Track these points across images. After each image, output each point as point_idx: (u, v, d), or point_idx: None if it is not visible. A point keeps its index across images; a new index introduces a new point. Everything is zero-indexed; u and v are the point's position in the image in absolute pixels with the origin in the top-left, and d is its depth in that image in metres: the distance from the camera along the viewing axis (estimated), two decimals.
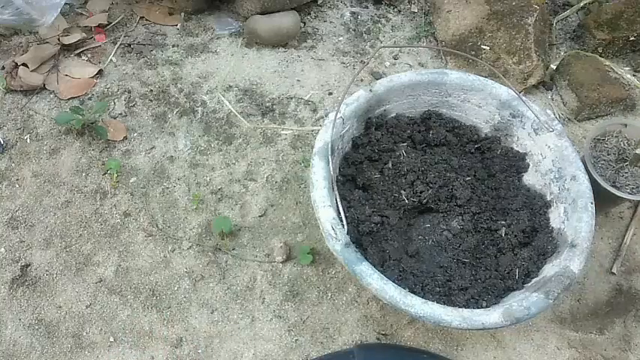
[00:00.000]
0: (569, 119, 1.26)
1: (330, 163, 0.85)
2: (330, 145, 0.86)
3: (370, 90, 0.96)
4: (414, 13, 1.44)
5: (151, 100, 1.22)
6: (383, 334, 0.97)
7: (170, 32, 1.35)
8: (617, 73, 1.30)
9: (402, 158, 0.97)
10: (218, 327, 0.96)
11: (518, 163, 1.00)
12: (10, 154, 1.13)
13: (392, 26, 1.40)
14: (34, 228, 1.04)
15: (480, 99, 1.01)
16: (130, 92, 1.23)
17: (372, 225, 0.92)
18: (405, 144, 1.00)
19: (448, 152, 1.01)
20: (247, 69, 1.29)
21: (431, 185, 0.96)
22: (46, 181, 1.10)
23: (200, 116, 1.20)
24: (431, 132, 1.02)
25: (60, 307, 0.97)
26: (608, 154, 1.03)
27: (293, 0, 1.31)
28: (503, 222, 0.95)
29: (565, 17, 1.41)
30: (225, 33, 1.35)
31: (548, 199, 0.95)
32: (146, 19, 1.36)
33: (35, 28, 1.27)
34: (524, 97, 0.96)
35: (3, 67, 1.23)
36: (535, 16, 1.27)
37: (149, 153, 1.15)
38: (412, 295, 0.77)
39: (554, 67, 1.29)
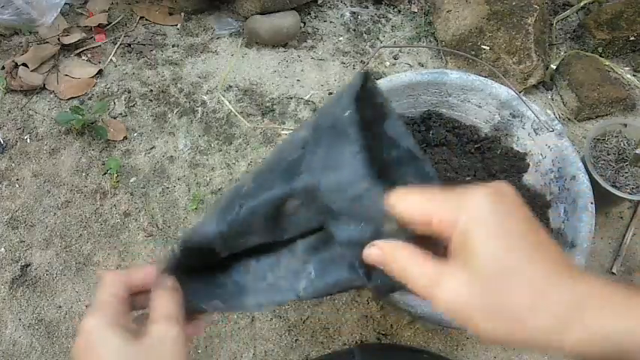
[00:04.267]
0: (569, 119, 1.26)
1: None
2: None
3: None
4: (414, 13, 1.44)
5: (151, 100, 1.22)
6: (383, 334, 0.97)
7: (170, 32, 1.35)
8: (617, 73, 1.30)
9: None
10: (218, 327, 0.96)
11: (518, 163, 1.00)
12: (10, 154, 1.13)
13: (392, 26, 1.40)
14: (34, 228, 1.04)
15: (479, 99, 1.00)
16: (130, 92, 1.23)
17: None
18: None
19: (448, 152, 1.01)
20: (247, 69, 1.29)
21: None
22: (46, 181, 1.10)
23: (200, 116, 1.20)
24: (431, 132, 1.02)
25: (60, 307, 0.97)
26: (608, 154, 1.03)
27: (293, 0, 1.31)
28: None
29: (565, 17, 1.41)
30: (225, 33, 1.35)
31: (548, 199, 0.95)
32: (146, 19, 1.36)
33: (35, 28, 1.27)
34: (524, 97, 0.96)
35: (3, 67, 1.23)
36: (535, 16, 1.27)
37: (149, 153, 1.15)
38: (412, 295, 0.77)
39: (554, 67, 1.29)
